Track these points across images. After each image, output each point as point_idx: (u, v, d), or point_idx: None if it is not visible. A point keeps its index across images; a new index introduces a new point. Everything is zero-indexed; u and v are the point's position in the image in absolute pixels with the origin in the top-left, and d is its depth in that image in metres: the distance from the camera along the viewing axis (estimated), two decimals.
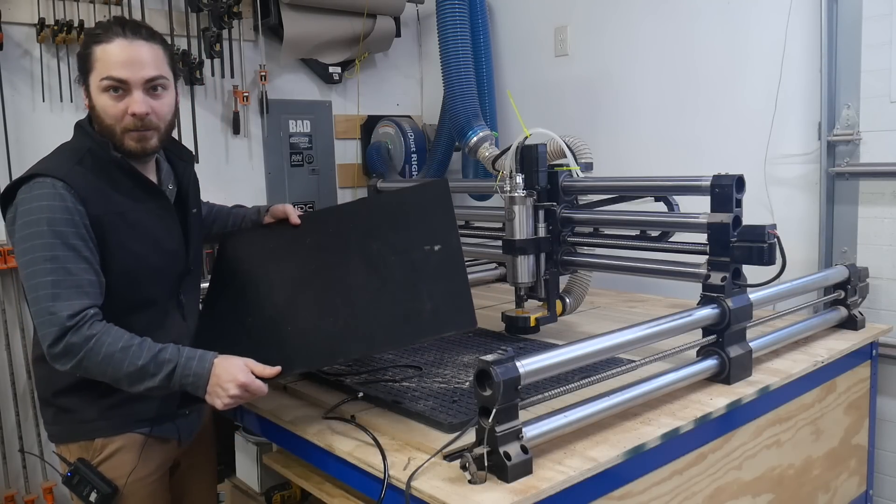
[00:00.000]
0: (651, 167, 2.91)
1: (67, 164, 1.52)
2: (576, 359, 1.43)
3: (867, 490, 2.31)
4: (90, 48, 1.52)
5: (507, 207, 2.08)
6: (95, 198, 1.52)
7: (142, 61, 1.52)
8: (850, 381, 2.13)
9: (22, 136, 2.76)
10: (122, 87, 1.52)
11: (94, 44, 1.51)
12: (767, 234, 1.70)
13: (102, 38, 1.51)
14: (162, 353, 1.45)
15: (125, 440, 1.62)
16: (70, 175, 1.50)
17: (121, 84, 1.51)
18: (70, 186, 1.48)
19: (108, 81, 1.51)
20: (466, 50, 3.03)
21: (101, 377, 1.46)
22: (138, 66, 1.52)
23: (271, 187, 3.49)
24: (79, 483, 1.58)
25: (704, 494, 1.62)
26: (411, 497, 1.28)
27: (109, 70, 1.50)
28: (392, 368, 1.89)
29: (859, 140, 2.41)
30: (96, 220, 1.51)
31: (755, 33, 2.65)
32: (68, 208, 1.47)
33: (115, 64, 1.50)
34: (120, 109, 1.52)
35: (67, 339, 1.42)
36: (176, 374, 1.44)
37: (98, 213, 1.51)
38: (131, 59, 1.51)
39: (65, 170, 1.51)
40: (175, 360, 1.45)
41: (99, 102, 1.53)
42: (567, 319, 2.35)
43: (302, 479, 1.84)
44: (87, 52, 1.52)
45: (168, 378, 1.44)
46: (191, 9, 3.10)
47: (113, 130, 1.54)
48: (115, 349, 1.43)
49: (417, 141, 3.64)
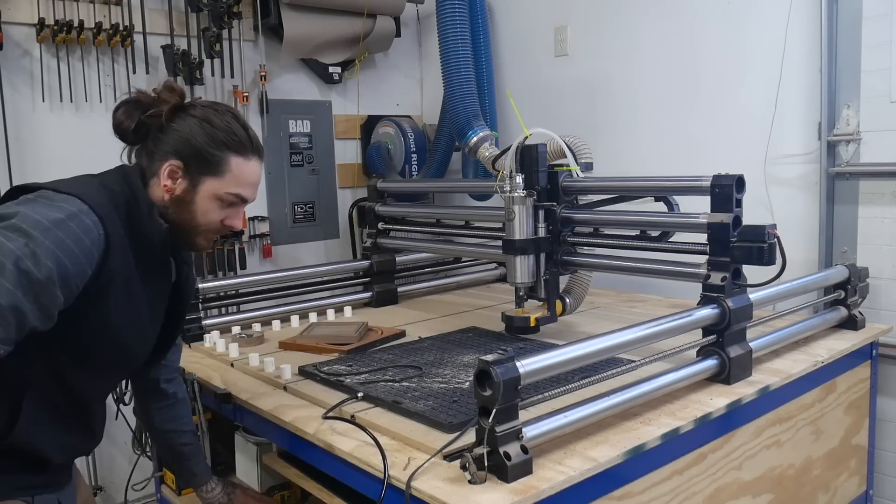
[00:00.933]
0: (651, 167, 2.91)
1: (107, 205, 1.33)
2: (576, 359, 1.43)
3: (867, 490, 2.31)
4: (225, 153, 1.42)
5: (507, 207, 2.08)
6: (118, 252, 1.34)
7: (259, 184, 1.52)
8: (850, 381, 2.13)
9: (22, 136, 2.76)
10: (238, 204, 1.48)
11: (232, 152, 1.43)
12: (767, 234, 1.70)
13: (241, 150, 1.44)
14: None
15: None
16: (108, 217, 1.32)
17: (241, 202, 1.48)
18: (103, 227, 1.30)
19: (234, 198, 1.46)
20: (466, 50, 3.03)
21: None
22: (257, 188, 1.51)
23: (271, 187, 3.49)
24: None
25: (704, 494, 1.62)
26: (411, 497, 1.28)
27: (241, 189, 1.46)
28: (392, 368, 1.89)
29: (859, 140, 2.41)
30: (106, 275, 1.32)
31: (755, 33, 2.65)
32: (86, 247, 1.27)
33: (248, 185, 1.47)
34: (220, 218, 1.47)
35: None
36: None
37: (113, 268, 1.33)
38: (258, 182, 1.50)
39: (105, 210, 1.32)
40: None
41: (204, 204, 1.44)
42: (567, 319, 2.34)
43: (302, 479, 1.84)
44: (219, 155, 1.42)
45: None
46: (191, 9, 3.10)
47: (197, 230, 1.46)
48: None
49: (417, 141, 3.64)
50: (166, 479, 2.41)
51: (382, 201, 2.95)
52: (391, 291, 2.89)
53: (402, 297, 2.91)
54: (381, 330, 2.30)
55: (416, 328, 2.38)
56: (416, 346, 2.13)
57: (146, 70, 3.06)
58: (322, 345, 2.17)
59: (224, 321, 2.48)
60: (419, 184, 3.44)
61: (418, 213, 2.99)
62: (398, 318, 2.56)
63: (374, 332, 2.28)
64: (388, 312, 2.74)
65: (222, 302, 2.62)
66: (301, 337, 2.27)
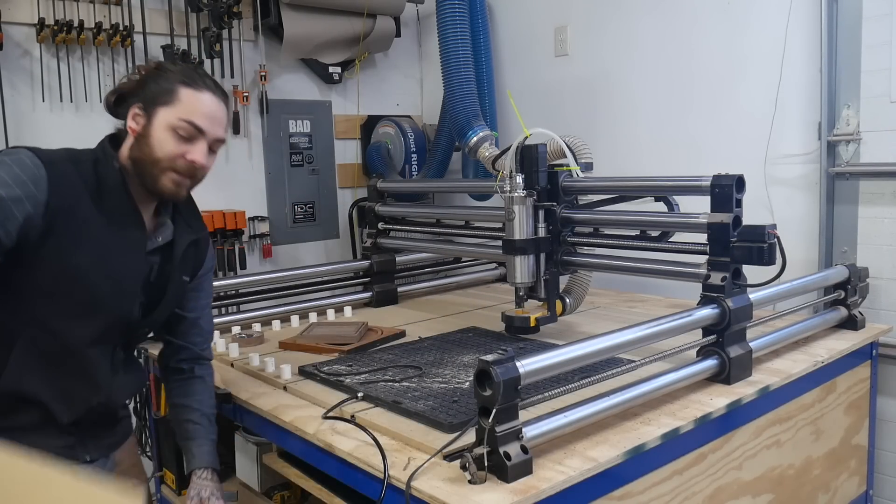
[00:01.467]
0: (651, 167, 2.91)
1: (58, 156, 1.43)
2: (576, 359, 1.43)
3: (867, 490, 2.31)
4: (175, 86, 1.49)
5: (507, 207, 2.08)
6: (66, 192, 1.39)
7: (220, 120, 1.54)
8: (850, 381, 2.13)
9: (22, 136, 2.75)
10: (193, 136, 1.49)
11: (183, 84, 1.49)
12: (767, 234, 1.70)
13: (192, 83, 1.50)
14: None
15: None
16: (52, 162, 1.40)
17: (196, 132, 1.49)
18: (43, 165, 1.37)
19: (186, 125, 1.48)
20: (466, 50, 3.03)
21: None
22: (217, 123, 1.53)
23: (271, 187, 3.49)
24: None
25: (704, 494, 1.62)
26: (411, 497, 1.28)
27: (192, 115, 1.48)
28: (392, 368, 1.89)
29: (859, 140, 2.41)
30: (50, 211, 1.37)
31: (755, 33, 2.65)
32: (16, 176, 1.33)
33: (201, 113, 1.49)
34: (178, 151, 1.48)
35: None
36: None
37: (58, 204, 1.38)
38: (214, 115, 1.52)
39: (50, 156, 1.41)
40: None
41: (159, 135, 1.47)
42: (567, 319, 2.35)
43: (302, 479, 1.84)
44: (169, 87, 1.48)
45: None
46: (191, 9, 3.10)
47: (156, 164, 1.48)
48: None
49: (417, 141, 3.65)
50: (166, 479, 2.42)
51: (382, 201, 2.95)
52: (391, 291, 2.89)
53: (402, 297, 2.91)
54: (381, 330, 2.30)
55: (416, 328, 2.38)
56: (416, 346, 2.13)
57: None
58: (322, 345, 2.17)
59: (224, 321, 2.48)
60: (419, 184, 3.44)
61: (418, 213, 2.99)
62: (398, 318, 2.56)
63: (374, 332, 2.28)
64: (388, 312, 2.74)
65: (222, 302, 2.62)
66: (301, 337, 2.27)
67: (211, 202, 3.25)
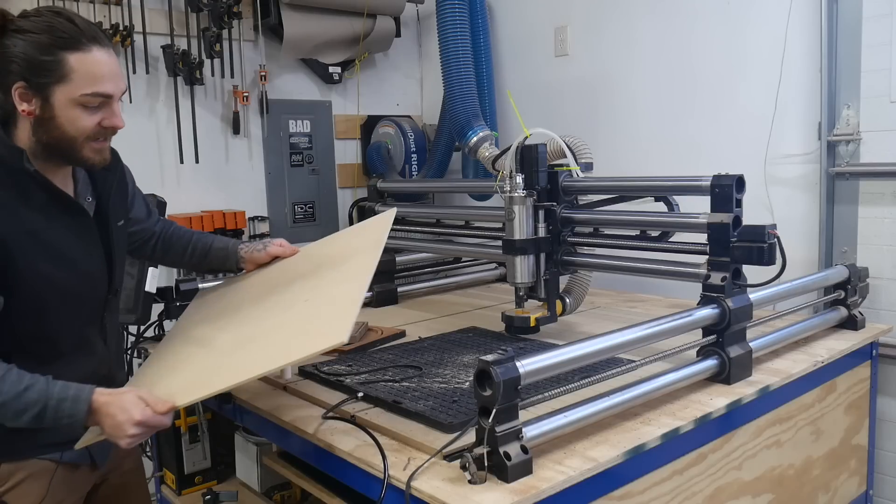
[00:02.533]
0: (651, 167, 2.91)
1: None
2: (576, 359, 1.43)
3: (867, 490, 2.31)
4: (56, 55, 1.33)
5: (507, 207, 2.08)
6: (1, 214, 1.35)
7: (119, 73, 1.42)
8: (850, 381, 2.13)
9: None
10: (103, 103, 1.40)
11: (62, 50, 1.33)
12: (767, 234, 1.70)
13: (74, 44, 1.34)
14: (27, 394, 1.29)
15: (33, 467, 1.47)
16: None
17: (105, 99, 1.39)
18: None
19: (93, 98, 1.37)
20: (466, 50, 3.03)
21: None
22: (119, 78, 1.42)
23: (271, 187, 3.49)
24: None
25: (704, 494, 1.62)
26: (411, 497, 1.28)
27: (95, 85, 1.36)
28: (392, 368, 1.89)
29: (859, 140, 2.41)
30: (1, 241, 1.34)
31: (755, 33, 2.65)
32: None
33: (100, 78, 1.37)
34: (93, 122, 1.39)
35: None
36: (46, 416, 1.31)
37: (4, 231, 1.34)
38: (113, 71, 1.40)
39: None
40: (43, 401, 1.30)
41: (66, 114, 1.36)
42: (567, 319, 2.34)
43: (302, 479, 1.84)
44: (53, 59, 1.33)
45: (37, 419, 1.31)
46: (191, 9, 3.10)
47: (73, 142, 1.40)
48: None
49: (417, 141, 3.65)
50: (166, 479, 2.42)
51: (382, 201, 2.95)
52: (391, 291, 2.89)
53: (402, 297, 2.91)
54: (381, 330, 2.30)
55: (416, 328, 2.38)
56: (416, 346, 2.13)
57: (146, 70, 3.06)
58: None
59: None
60: (419, 184, 3.44)
61: (418, 213, 2.99)
62: (398, 318, 2.56)
63: (374, 332, 2.28)
64: (388, 312, 2.73)
65: None
66: None
67: (211, 202, 3.25)
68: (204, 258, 1.91)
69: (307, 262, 1.84)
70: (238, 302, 1.79)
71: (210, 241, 1.92)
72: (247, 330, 1.61)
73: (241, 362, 1.46)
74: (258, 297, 1.75)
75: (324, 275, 1.70)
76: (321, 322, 1.46)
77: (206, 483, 2.45)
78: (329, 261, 1.77)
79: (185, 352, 1.67)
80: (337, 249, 1.86)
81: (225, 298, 1.87)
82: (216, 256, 1.91)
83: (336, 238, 2.04)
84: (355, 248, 1.78)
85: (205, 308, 1.89)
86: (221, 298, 1.89)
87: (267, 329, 1.56)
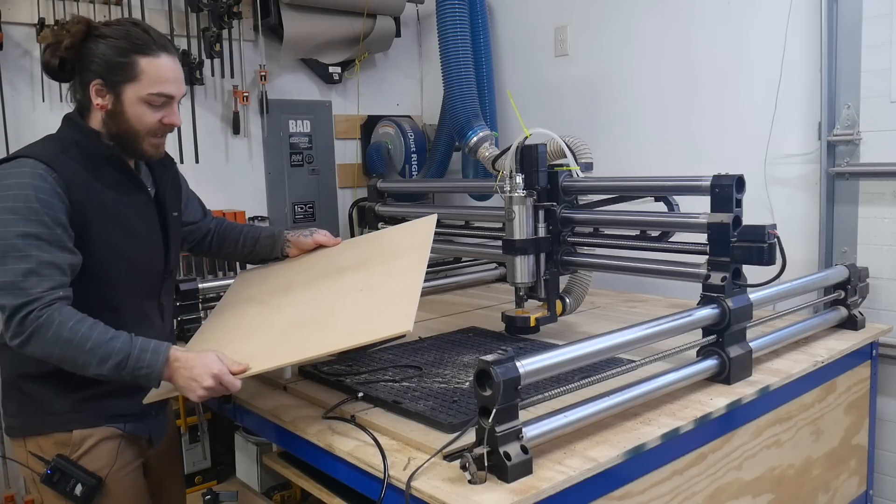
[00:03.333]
0: (651, 167, 2.91)
1: (52, 151, 1.54)
2: (576, 359, 1.43)
3: (867, 490, 2.31)
4: (130, 57, 1.54)
5: (507, 207, 2.08)
6: (78, 185, 1.53)
7: (181, 79, 1.63)
8: (850, 381, 2.13)
9: (22, 136, 2.75)
10: (165, 103, 1.59)
11: (136, 54, 1.54)
12: (767, 234, 1.70)
13: (146, 50, 1.55)
14: (112, 342, 1.44)
15: (103, 433, 1.61)
16: (54, 160, 1.52)
17: (167, 99, 1.59)
18: (53, 170, 1.50)
19: (157, 97, 1.57)
20: (466, 50, 3.03)
21: (48, 358, 1.45)
22: (180, 82, 1.62)
23: (271, 187, 3.49)
24: (60, 480, 1.55)
25: (704, 494, 1.62)
26: (411, 497, 1.28)
27: (161, 86, 1.57)
28: (392, 368, 1.89)
29: (859, 140, 2.41)
30: (78, 207, 1.52)
31: (755, 33, 2.65)
32: (47, 190, 1.47)
33: (164, 80, 1.57)
34: (156, 119, 1.59)
35: (27, 315, 1.40)
36: (128, 365, 1.44)
37: (80, 199, 1.53)
38: (177, 76, 1.61)
39: (49, 155, 1.52)
40: (126, 349, 1.44)
41: (134, 111, 1.56)
42: (567, 319, 2.35)
43: (302, 479, 1.84)
44: (126, 61, 1.54)
45: (118, 367, 1.43)
46: (191, 9, 3.10)
47: (136, 135, 1.59)
48: (63, 329, 1.41)
49: (417, 141, 3.64)
50: None
51: (382, 201, 2.95)
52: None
53: None
54: None
55: (416, 328, 2.36)
56: (416, 346, 2.13)
57: None
58: None
59: None
60: (419, 184, 3.43)
61: (418, 213, 2.99)
62: None
63: None
64: None
65: None
66: None
67: (211, 202, 3.22)
68: (254, 247, 2.05)
69: (353, 254, 1.94)
70: (286, 284, 1.91)
71: (259, 231, 2.07)
72: (306, 310, 1.73)
73: (309, 340, 1.59)
74: (308, 282, 1.87)
75: (374, 268, 1.81)
76: (384, 311, 1.58)
77: (206, 483, 2.46)
78: (377, 256, 1.87)
79: (244, 325, 1.78)
80: (382, 246, 1.96)
81: (270, 280, 1.99)
82: (265, 245, 2.04)
83: (379, 236, 2.14)
84: (401, 246, 1.88)
85: (251, 287, 2.00)
86: (266, 280, 2.00)
87: (325, 312, 1.68)
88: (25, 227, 1.44)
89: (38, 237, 1.44)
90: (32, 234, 1.44)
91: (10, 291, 1.42)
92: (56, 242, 1.47)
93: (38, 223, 1.45)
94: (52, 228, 1.46)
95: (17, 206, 1.45)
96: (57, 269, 1.46)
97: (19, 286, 1.41)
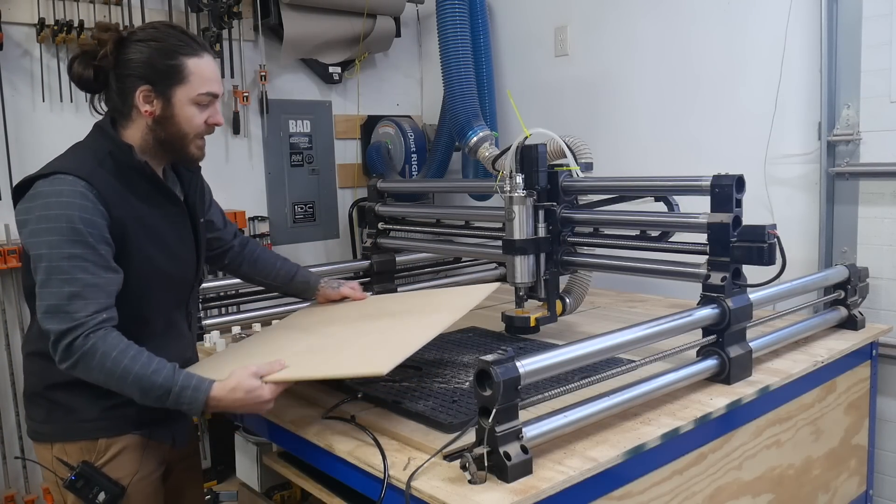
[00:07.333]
0: (651, 167, 2.91)
1: (89, 165, 1.52)
2: (576, 359, 1.43)
3: (867, 490, 2.31)
4: (178, 59, 1.53)
5: (507, 207, 2.08)
6: (116, 200, 1.52)
7: (220, 77, 1.64)
8: (850, 381, 2.13)
9: (22, 136, 2.76)
10: (211, 102, 1.60)
11: (183, 56, 1.54)
12: (767, 234, 1.70)
13: (189, 50, 1.55)
14: (154, 377, 1.44)
15: (127, 441, 1.61)
16: (93, 175, 1.50)
17: (213, 98, 1.60)
18: (93, 187, 1.48)
19: (205, 97, 1.57)
20: (466, 50, 3.03)
21: (95, 382, 1.47)
22: (220, 81, 1.64)
23: (271, 187, 3.49)
24: (84, 486, 1.55)
25: (704, 494, 1.62)
26: (411, 497, 1.28)
27: (208, 85, 1.57)
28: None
29: (859, 140, 2.41)
30: (118, 222, 1.51)
31: (755, 33, 2.65)
32: (90, 209, 1.46)
33: (211, 80, 1.58)
34: (202, 119, 1.59)
35: (73, 340, 1.41)
36: (169, 400, 1.45)
37: (119, 214, 1.52)
38: (217, 75, 1.62)
39: (87, 170, 1.50)
40: (168, 386, 1.44)
41: (185, 113, 1.56)
42: (567, 319, 2.34)
43: (302, 479, 1.84)
44: (174, 64, 1.53)
45: (159, 400, 1.45)
46: (191, 9, 3.10)
47: (185, 138, 1.59)
48: (107, 360, 1.42)
49: (417, 141, 3.64)
50: None
51: (382, 201, 2.95)
52: (391, 291, 2.88)
53: None
54: None
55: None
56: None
57: None
58: None
59: (224, 321, 2.48)
60: (419, 184, 3.43)
61: (418, 213, 2.99)
62: None
63: None
64: None
65: (222, 302, 2.62)
66: None
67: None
68: (286, 283, 2.11)
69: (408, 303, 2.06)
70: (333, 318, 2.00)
71: (294, 271, 2.11)
72: (327, 342, 1.79)
73: (305, 364, 1.64)
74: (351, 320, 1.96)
75: (409, 317, 1.89)
76: (375, 352, 1.63)
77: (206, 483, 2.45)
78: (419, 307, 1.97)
79: (270, 343, 1.90)
80: (432, 300, 2.06)
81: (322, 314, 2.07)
82: (297, 286, 2.12)
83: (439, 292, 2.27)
84: (443, 304, 1.95)
85: (301, 317, 2.11)
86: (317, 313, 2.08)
87: (336, 345, 1.75)
88: (70, 249, 1.43)
89: (83, 258, 1.44)
90: (77, 256, 1.43)
91: (56, 315, 1.42)
92: (100, 263, 1.46)
93: (83, 244, 1.44)
94: (95, 248, 1.45)
95: (60, 227, 1.44)
96: (101, 290, 1.46)
97: (64, 310, 1.41)
